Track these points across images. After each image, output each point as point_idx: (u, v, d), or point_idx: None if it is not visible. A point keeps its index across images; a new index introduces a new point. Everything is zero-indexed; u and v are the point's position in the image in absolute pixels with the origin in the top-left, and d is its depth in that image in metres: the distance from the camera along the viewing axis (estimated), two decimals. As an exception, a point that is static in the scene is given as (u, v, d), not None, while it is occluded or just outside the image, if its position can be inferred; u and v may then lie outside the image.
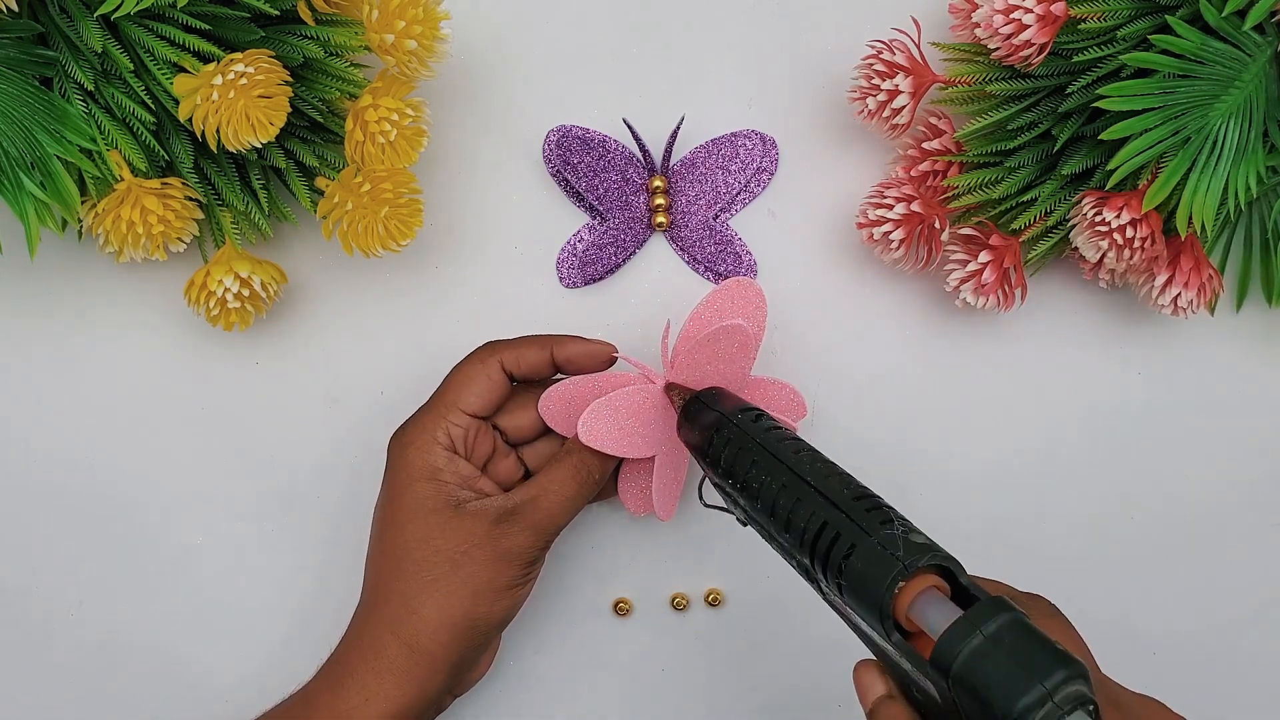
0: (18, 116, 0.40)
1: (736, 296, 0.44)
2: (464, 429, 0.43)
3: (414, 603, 0.41)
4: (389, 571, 0.42)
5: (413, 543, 0.41)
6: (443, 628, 0.40)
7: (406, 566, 0.41)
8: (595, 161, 0.48)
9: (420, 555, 0.41)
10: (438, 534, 0.41)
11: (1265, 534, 0.50)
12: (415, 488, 0.42)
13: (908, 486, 0.49)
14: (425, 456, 0.42)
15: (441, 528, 0.41)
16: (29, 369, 0.49)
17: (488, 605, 0.41)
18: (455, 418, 0.42)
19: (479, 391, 0.43)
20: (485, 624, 0.41)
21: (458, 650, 0.41)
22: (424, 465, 0.42)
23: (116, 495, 0.49)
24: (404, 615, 0.41)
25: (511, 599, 0.42)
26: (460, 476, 0.42)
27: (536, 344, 0.43)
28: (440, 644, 0.41)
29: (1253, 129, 0.41)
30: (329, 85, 0.43)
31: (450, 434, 0.42)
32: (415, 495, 0.42)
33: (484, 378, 0.43)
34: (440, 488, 0.42)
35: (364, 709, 0.40)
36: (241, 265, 0.44)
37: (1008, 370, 0.50)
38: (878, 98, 0.45)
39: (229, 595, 0.48)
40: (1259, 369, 0.50)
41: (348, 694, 0.40)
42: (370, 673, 0.40)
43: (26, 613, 0.48)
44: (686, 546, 0.49)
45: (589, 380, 0.43)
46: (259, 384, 0.49)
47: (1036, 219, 0.45)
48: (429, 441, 0.42)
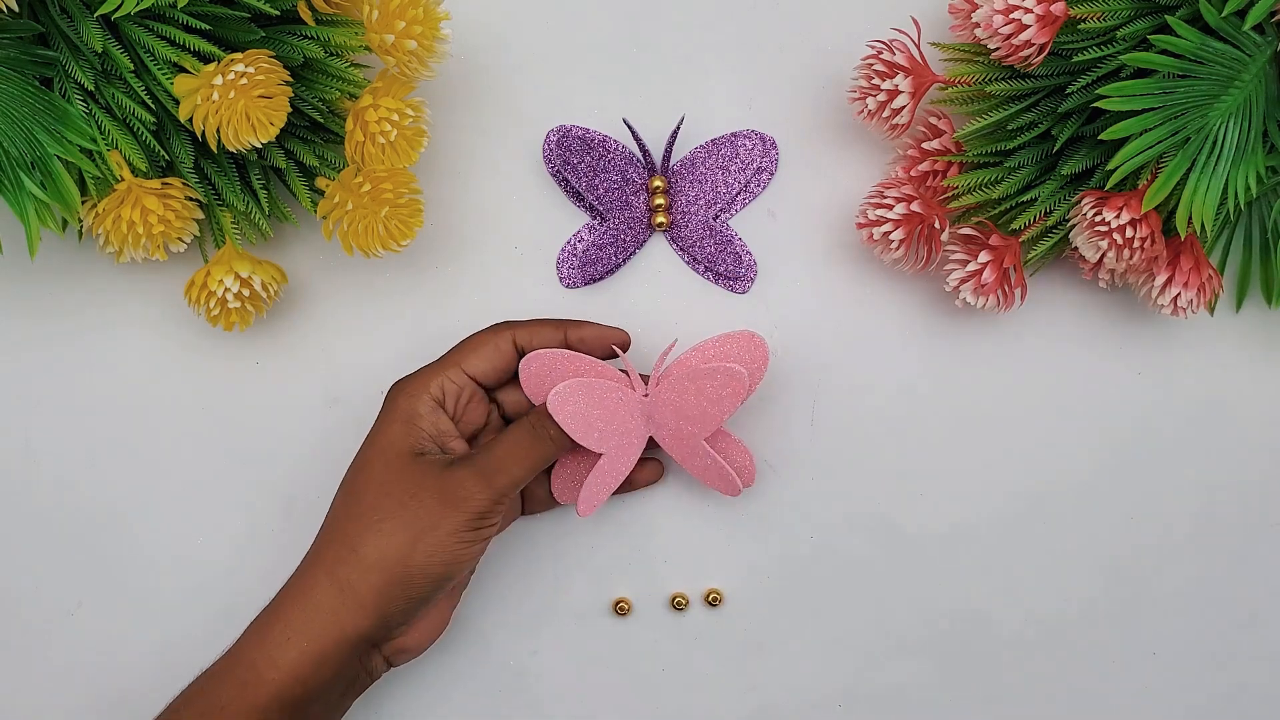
0: (18, 116, 0.40)
1: (744, 349, 0.45)
2: (458, 387, 0.43)
3: (355, 542, 0.41)
4: (342, 513, 0.42)
5: (370, 485, 0.42)
6: (375, 568, 0.40)
7: (357, 509, 0.42)
8: (595, 161, 0.48)
9: (372, 498, 0.42)
10: (393, 478, 0.42)
11: (1265, 534, 0.50)
12: (390, 429, 0.43)
13: (907, 486, 0.49)
14: (411, 402, 0.43)
15: (399, 471, 0.42)
16: (29, 369, 0.49)
17: (426, 552, 0.41)
18: (453, 374, 0.43)
19: (484, 356, 0.44)
20: (421, 573, 0.41)
21: (388, 594, 0.40)
22: (406, 409, 0.43)
23: (116, 495, 0.49)
24: (343, 555, 0.41)
25: (451, 550, 0.41)
26: (437, 429, 0.43)
27: (551, 325, 0.44)
28: (371, 585, 0.40)
29: (1252, 129, 0.41)
30: (329, 85, 0.43)
31: (444, 388, 0.43)
32: (387, 437, 0.42)
33: (492, 345, 0.44)
34: (412, 432, 0.42)
35: (285, 647, 0.40)
36: (241, 265, 0.44)
37: (1007, 370, 0.50)
38: (878, 98, 0.45)
39: (229, 595, 0.48)
40: (1259, 369, 0.50)
41: (273, 633, 0.41)
42: (298, 611, 0.41)
43: (26, 613, 0.48)
44: (686, 546, 0.49)
45: (576, 358, 0.44)
46: (259, 384, 0.49)
47: (1036, 219, 0.45)
48: (420, 389, 0.43)
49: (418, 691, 0.48)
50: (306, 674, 0.40)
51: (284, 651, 0.40)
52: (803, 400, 0.49)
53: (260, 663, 0.40)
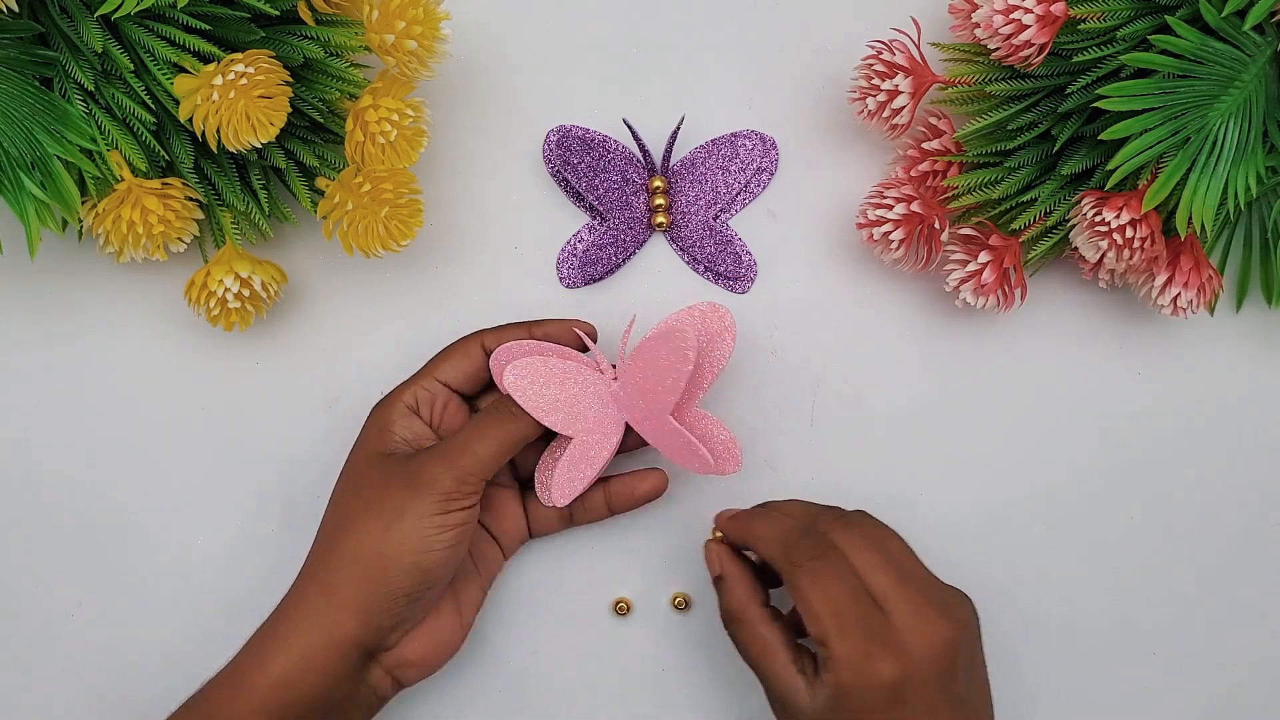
0: (18, 116, 0.40)
1: (706, 319, 0.45)
2: (431, 394, 0.44)
3: (333, 542, 0.42)
4: (326, 523, 0.43)
5: (347, 490, 0.43)
6: (351, 561, 0.41)
7: (335, 514, 0.43)
8: (595, 161, 0.48)
9: (347, 501, 0.43)
10: (365, 478, 0.42)
11: (1265, 534, 0.50)
12: (366, 439, 0.44)
13: (907, 486, 0.49)
14: (386, 412, 0.44)
15: (370, 471, 0.42)
16: (29, 369, 0.49)
17: (398, 539, 0.40)
18: (426, 383, 0.44)
19: (454, 362, 0.44)
20: (395, 563, 0.40)
21: (365, 588, 0.40)
22: (381, 419, 0.44)
23: (116, 495, 0.49)
24: (323, 556, 0.42)
25: (422, 535, 0.40)
26: (411, 432, 0.44)
27: (518, 326, 0.45)
28: (348, 579, 0.41)
29: (1252, 129, 0.41)
30: (329, 85, 0.43)
31: (417, 396, 0.44)
32: (363, 446, 0.44)
33: (461, 351, 0.45)
34: (385, 438, 0.43)
35: (276, 655, 0.40)
36: (241, 265, 0.44)
37: (1007, 370, 0.50)
38: (878, 98, 0.45)
39: (229, 595, 0.48)
40: (1259, 369, 0.50)
41: (264, 643, 0.41)
42: (286, 620, 0.41)
43: (26, 613, 0.48)
44: (686, 546, 0.49)
45: (544, 347, 0.44)
46: (259, 384, 0.49)
47: (1036, 219, 0.45)
48: (394, 400, 0.44)
49: (417, 691, 0.48)
50: (293, 680, 0.40)
51: (274, 659, 0.40)
52: (803, 400, 0.49)
53: (251, 670, 0.41)
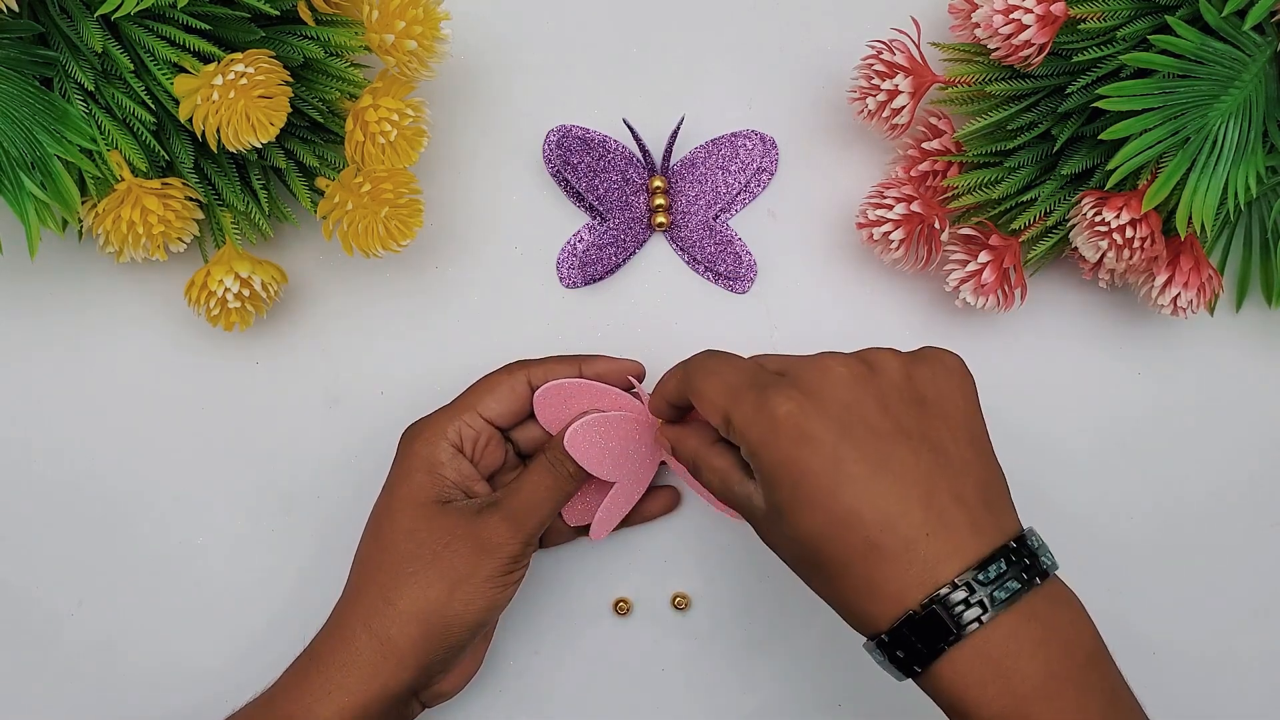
0: (18, 116, 0.40)
1: None
2: (476, 431, 0.43)
3: (390, 594, 0.41)
4: (373, 563, 0.42)
5: (399, 534, 0.42)
6: (414, 620, 0.40)
7: (389, 558, 0.41)
8: (595, 161, 0.48)
9: (404, 548, 0.41)
10: (423, 527, 0.41)
11: (1265, 534, 0.50)
12: (413, 479, 0.42)
13: (908, 486, 0.49)
14: (430, 449, 0.42)
15: (428, 521, 0.41)
16: (29, 368, 0.49)
17: (464, 600, 0.41)
18: (470, 419, 0.43)
19: (499, 397, 0.43)
20: (459, 622, 0.41)
21: (427, 647, 0.40)
22: (426, 457, 0.42)
23: (117, 495, 0.49)
24: (379, 607, 0.41)
25: (487, 597, 0.41)
26: (460, 474, 0.43)
27: (565, 361, 0.44)
28: (410, 638, 0.40)
29: (1252, 129, 0.41)
30: (329, 85, 0.43)
31: (461, 433, 0.43)
32: (411, 486, 0.42)
33: (507, 387, 0.43)
34: (436, 481, 0.42)
35: (324, 701, 0.40)
36: (241, 265, 0.44)
37: (1007, 370, 0.50)
38: (878, 98, 0.45)
39: (229, 595, 0.48)
40: (1259, 369, 0.50)
41: (311, 686, 0.40)
42: (336, 665, 0.40)
43: (26, 613, 0.48)
44: (686, 546, 0.49)
45: (588, 386, 0.43)
46: (259, 384, 0.49)
47: (1036, 219, 0.45)
48: (437, 436, 0.42)
49: (418, 691, 0.48)
50: None
51: (324, 705, 0.40)
52: (803, 400, 0.49)
53: (298, 716, 0.40)
